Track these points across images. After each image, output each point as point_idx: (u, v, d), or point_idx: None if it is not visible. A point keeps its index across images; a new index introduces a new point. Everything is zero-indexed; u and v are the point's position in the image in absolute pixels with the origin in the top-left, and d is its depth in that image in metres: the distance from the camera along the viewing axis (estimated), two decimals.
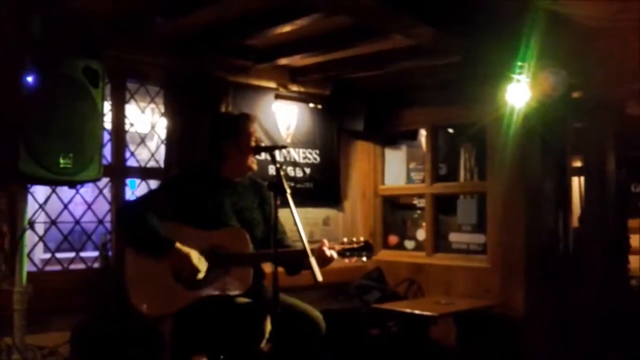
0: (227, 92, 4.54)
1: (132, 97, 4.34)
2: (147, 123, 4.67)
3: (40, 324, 3.41)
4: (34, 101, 2.88)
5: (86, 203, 4.15)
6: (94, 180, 3.31)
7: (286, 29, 3.83)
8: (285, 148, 4.97)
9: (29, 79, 2.86)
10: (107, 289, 3.67)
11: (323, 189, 5.33)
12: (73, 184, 3.23)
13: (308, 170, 5.22)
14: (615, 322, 4.98)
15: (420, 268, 5.28)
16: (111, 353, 3.47)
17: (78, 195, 3.99)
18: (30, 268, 3.55)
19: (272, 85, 4.97)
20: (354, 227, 5.63)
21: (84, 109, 3.07)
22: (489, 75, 4.37)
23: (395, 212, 5.89)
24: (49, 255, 4.12)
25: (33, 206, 3.58)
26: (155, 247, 2.74)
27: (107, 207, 4.22)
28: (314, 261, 2.46)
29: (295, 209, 2.51)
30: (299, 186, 5.11)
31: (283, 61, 4.63)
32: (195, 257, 2.72)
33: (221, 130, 3.00)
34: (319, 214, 5.35)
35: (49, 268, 3.99)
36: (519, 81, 4.08)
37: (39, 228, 3.85)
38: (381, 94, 5.44)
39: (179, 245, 2.71)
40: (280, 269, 2.70)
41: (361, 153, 5.77)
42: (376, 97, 5.41)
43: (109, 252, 4.03)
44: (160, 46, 4.17)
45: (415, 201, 5.78)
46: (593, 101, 4.94)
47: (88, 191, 5.04)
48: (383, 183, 5.80)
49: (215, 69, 4.47)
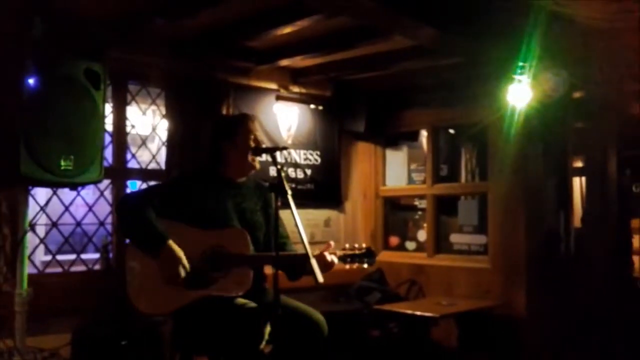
0: (228, 93, 4.53)
1: (133, 98, 4.35)
2: (148, 125, 4.67)
3: (41, 326, 3.41)
4: (34, 103, 2.86)
5: (87, 205, 4.15)
6: (95, 182, 3.31)
7: (287, 30, 3.83)
8: (286, 149, 4.97)
9: (29, 80, 2.85)
10: (108, 290, 3.66)
11: (324, 190, 5.33)
12: (74, 186, 3.22)
13: (309, 172, 5.22)
14: (619, 323, 4.96)
15: (421, 269, 5.27)
16: (112, 355, 3.46)
17: (79, 197, 4.00)
18: (31, 270, 3.54)
19: (273, 86, 4.97)
20: (355, 229, 5.63)
21: (85, 111, 3.06)
22: (490, 75, 4.38)
23: (396, 213, 5.88)
24: (50, 257, 4.13)
25: (34, 208, 3.58)
26: (148, 240, 2.70)
27: (108, 209, 4.23)
28: (314, 262, 2.45)
29: (296, 210, 2.50)
30: (299, 187, 5.10)
31: (284, 62, 4.63)
32: (182, 261, 2.67)
33: (219, 131, 2.99)
34: (320, 215, 5.35)
35: (50, 270, 4.00)
36: (520, 82, 4.07)
37: (40, 230, 3.86)
38: (382, 94, 5.44)
39: (171, 243, 2.67)
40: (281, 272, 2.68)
41: (362, 154, 5.76)
42: (377, 98, 5.41)
43: (110, 254, 4.03)
44: (161, 48, 4.17)
45: (416, 202, 5.77)
46: (594, 101, 4.93)
47: (89, 193, 5.06)
48: (384, 184, 5.80)
49: (217, 71, 4.47)
